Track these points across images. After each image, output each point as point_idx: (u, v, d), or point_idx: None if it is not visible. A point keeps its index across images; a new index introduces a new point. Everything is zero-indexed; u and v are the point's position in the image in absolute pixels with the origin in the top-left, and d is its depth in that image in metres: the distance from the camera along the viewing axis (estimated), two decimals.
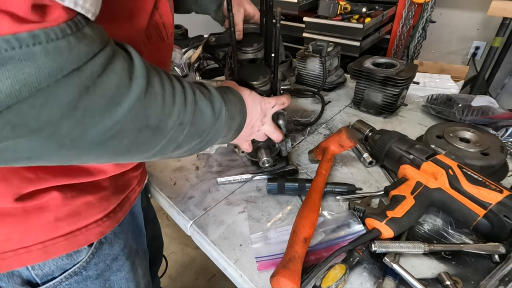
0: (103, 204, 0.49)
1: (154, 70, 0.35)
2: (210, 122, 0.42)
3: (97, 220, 0.49)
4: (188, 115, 0.38)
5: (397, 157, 0.66)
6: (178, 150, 0.41)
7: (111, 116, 0.29)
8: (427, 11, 1.97)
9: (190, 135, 0.40)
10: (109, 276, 0.54)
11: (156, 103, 0.33)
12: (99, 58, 0.28)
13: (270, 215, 0.63)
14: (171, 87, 0.36)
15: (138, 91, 0.31)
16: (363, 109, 0.97)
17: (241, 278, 0.53)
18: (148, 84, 0.32)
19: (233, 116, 0.47)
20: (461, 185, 0.54)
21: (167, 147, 0.38)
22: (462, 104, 0.81)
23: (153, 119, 0.34)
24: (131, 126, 0.32)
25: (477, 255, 0.52)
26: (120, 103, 0.30)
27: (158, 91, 0.34)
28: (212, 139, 0.45)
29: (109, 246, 0.53)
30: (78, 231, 0.47)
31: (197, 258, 1.67)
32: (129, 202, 0.56)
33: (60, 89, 0.25)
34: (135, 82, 0.31)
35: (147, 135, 0.34)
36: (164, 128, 0.36)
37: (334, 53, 1.06)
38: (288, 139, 0.70)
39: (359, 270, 0.52)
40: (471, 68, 2.18)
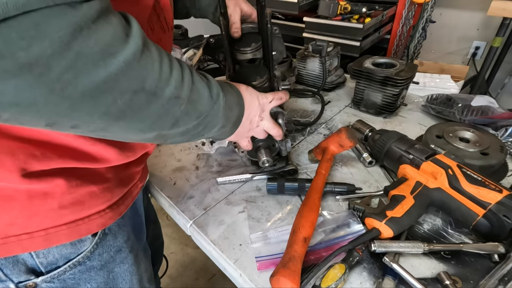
0: (106, 195, 0.50)
1: (151, 41, 0.34)
2: (208, 104, 0.42)
3: (100, 211, 0.49)
4: (185, 90, 0.37)
5: (397, 157, 0.66)
6: (176, 128, 0.40)
7: (105, 66, 0.28)
8: (427, 11, 1.97)
9: (187, 112, 0.39)
10: (113, 267, 0.55)
11: (152, 67, 0.33)
12: (95, 3, 0.27)
13: (270, 215, 0.64)
14: (168, 59, 0.36)
15: (135, 48, 0.30)
16: (363, 109, 0.97)
17: (241, 278, 0.53)
18: (144, 46, 0.32)
19: (231, 105, 0.47)
20: (461, 185, 0.54)
21: (165, 120, 0.38)
22: (462, 104, 0.81)
23: (149, 83, 0.33)
24: (126, 84, 0.31)
25: (477, 255, 0.52)
26: (115, 55, 0.29)
27: (155, 56, 0.33)
28: (210, 124, 0.44)
29: (113, 238, 0.53)
30: (81, 220, 0.47)
31: (197, 258, 1.67)
32: (131, 197, 0.56)
33: (51, 20, 0.24)
34: (131, 39, 0.30)
35: (143, 99, 0.33)
36: (161, 95, 0.35)
37: (334, 53, 1.06)
38: (288, 139, 0.70)
39: (358, 269, 0.52)
40: (471, 68, 2.18)
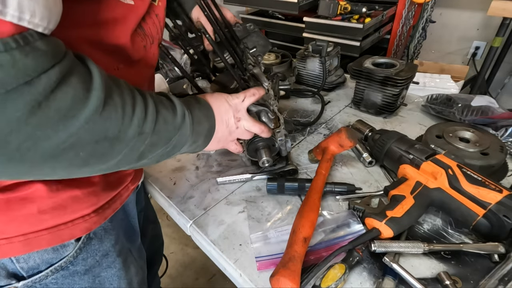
0: (91, 199, 0.49)
1: (113, 82, 0.35)
2: (174, 129, 0.43)
3: (84, 215, 0.48)
4: (149, 124, 0.38)
5: (397, 157, 0.66)
6: (142, 160, 0.41)
7: (65, 129, 0.29)
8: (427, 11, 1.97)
9: (153, 144, 0.40)
10: (99, 272, 0.54)
11: (115, 114, 0.33)
12: (54, 72, 0.27)
13: (270, 215, 0.64)
14: (131, 98, 0.36)
15: (96, 102, 0.31)
16: (362, 109, 0.97)
17: (241, 278, 0.53)
18: (106, 96, 0.32)
19: (199, 120, 0.47)
20: (461, 185, 0.54)
21: (129, 156, 0.38)
22: (462, 104, 0.81)
23: (112, 130, 0.34)
24: (88, 138, 0.32)
25: (477, 255, 0.52)
26: (76, 116, 0.29)
27: (117, 102, 0.34)
28: (178, 145, 0.45)
29: (99, 242, 0.53)
30: (63, 225, 0.46)
31: (197, 258, 1.67)
32: (121, 200, 0.56)
33: (7, 104, 0.25)
34: (92, 93, 0.31)
35: (106, 146, 0.34)
36: (124, 138, 0.35)
37: (334, 53, 1.06)
38: (287, 139, 0.70)
39: (358, 269, 0.52)
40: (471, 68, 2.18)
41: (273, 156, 0.68)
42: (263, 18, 2.33)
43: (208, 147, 0.54)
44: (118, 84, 0.36)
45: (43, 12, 0.26)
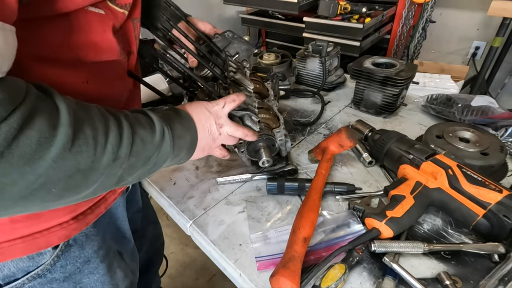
0: (69, 206, 0.47)
1: (83, 111, 0.34)
2: (154, 147, 0.42)
3: (62, 222, 0.47)
4: (124, 149, 0.37)
5: (397, 157, 0.66)
6: (122, 182, 0.40)
7: (33, 171, 0.28)
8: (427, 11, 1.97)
9: (131, 166, 0.39)
10: (81, 279, 0.54)
11: (86, 146, 0.33)
12: (14, 119, 0.26)
13: (269, 215, 0.64)
14: (103, 125, 0.35)
15: (64, 139, 0.30)
16: (362, 109, 0.97)
17: (241, 278, 0.53)
18: (75, 130, 0.31)
19: (180, 134, 0.47)
20: (461, 185, 0.54)
21: (106, 182, 0.38)
22: (462, 104, 0.81)
23: (84, 162, 0.33)
24: (59, 175, 0.31)
25: (477, 255, 0.52)
26: (42, 157, 0.29)
27: (88, 132, 0.33)
28: (159, 162, 0.44)
29: (79, 249, 0.52)
30: (38, 233, 0.45)
31: (197, 258, 1.67)
32: (105, 204, 0.55)
33: None
34: (59, 131, 0.30)
35: (79, 179, 0.33)
36: (99, 167, 0.35)
37: (334, 53, 1.06)
38: (287, 139, 0.69)
39: (358, 269, 0.52)
40: (471, 68, 2.18)
41: (273, 156, 0.68)
42: (263, 18, 2.33)
43: (193, 157, 0.53)
44: (89, 112, 0.35)
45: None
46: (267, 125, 0.69)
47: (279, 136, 0.68)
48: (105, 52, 0.44)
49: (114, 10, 0.43)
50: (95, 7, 0.40)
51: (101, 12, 0.41)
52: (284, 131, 0.69)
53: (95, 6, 0.40)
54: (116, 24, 0.44)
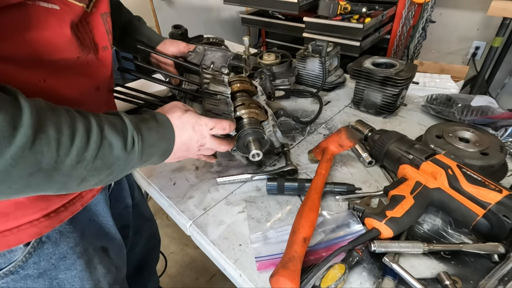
0: (39, 204, 0.48)
1: (50, 113, 0.35)
2: (121, 154, 0.42)
3: (33, 220, 0.47)
4: (91, 152, 0.38)
5: (397, 157, 0.66)
6: (85, 183, 0.41)
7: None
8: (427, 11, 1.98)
9: (96, 169, 0.40)
10: (57, 275, 0.54)
11: (48, 147, 0.33)
12: None
13: (269, 215, 0.64)
14: (70, 127, 0.36)
15: (23, 140, 0.31)
16: (362, 109, 0.97)
17: (241, 278, 0.53)
18: (36, 131, 0.32)
19: (153, 143, 0.47)
20: (461, 185, 0.54)
21: (69, 183, 0.38)
22: (462, 104, 0.81)
23: (46, 163, 0.34)
24: (19, 173, 0.32)
25: (477, 255, 0.52)
26: (1, 154, 0.30)
27: (51, 134, 0.34)
28: (127, 168, 0.45)
29: (54, 245, 0.52)
30: (8, 231, 0.45)
31: (197, 258, 1.67)
32: (82, 202, 0.55)
33: None
34: (19, 131, 0.31)
35: (40, 178, 0.34)
36: (61, 168, 0.35)
37: (334, 53, 1.06)
38: (276, 129, 0.70)
39: (358, 270, 0.52)
40: (471, 68, 2.18)
41: (267, 149, 0.68)
42: (263, 18, 2.33)
43: (167, 161, 0.54)
44: (56, 113, 0.35)
45: None
46: (255, 119, 0.69)
47: (267, 128, 0.69)
48: (63, 49, 0.43)
49: (71, 4, 0.42)
50: (47, 2, 0.39)
51: (55, 7, 0.40)
52: (272, 122, 0.70)
53: (46, 1, 0.39)
54: (75, 19, 0.43)
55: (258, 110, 0.72)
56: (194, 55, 0.83)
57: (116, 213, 0.74)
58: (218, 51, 0.84)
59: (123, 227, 0.80)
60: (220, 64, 0.84)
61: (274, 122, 0.71)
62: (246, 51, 1.28)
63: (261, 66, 1.06)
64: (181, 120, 0.52)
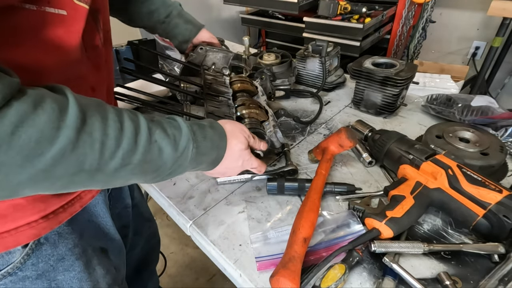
0: (38, 205, 0.47)
1: (98, 114, 0.35)
2: (170, 159, 0.42)
3: (31, 222, 0.47)
4: (138, 156, 0.38)
5: (397, 157, 0.66)
6: (129, 182, 0.41)
7: (33, 166, 0.30)
8: (427, 11, 1.98)
9: (143, 171, 0.40)
10: (55, 276, 0.54)
11: (91, 149, 0.33)
12: (13, 112, 0.28)
13: (269, 215, 0.64)
14: (118, 130, 0.36)
15: (65, 141, 0.31)
16: (362, 109, 0.97)
17: (241, 278, 0.53)
18: (80, 133, 0.32)
19: (205, 152, 0.48)
20: (461, 185, 0.54)
21: (113, 182, 0.39)
22: (462, 104, 0.81)
23: (89, 163, 0.34)
24: (62, 172, 0.32)
25: (477, 255, 0.52)
26: (42, 154, 0.30)
27: (96, 136, 0.34)
28: (176, 171, 0.45)
29: (52, 247, 0.52)
30: (6, 233, 0.45)
31: (197, 258, 1.67)
32: (81, 203, 0.54)
33: None
34: (62, 132, 0.31)
35: (83, 177, 0.35)
36: (105, 169, 0.35)
37: (334, 53, 1.06)
38: (276, 129, 0.70)
39: (358, 270, 0.52)
40: (471, 68, 2.18)
41: (269, 150, 0.69)
42: (263, 18, 2.33)
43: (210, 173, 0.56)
44: (104, 115, 0.35)
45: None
46: (256, 119, 0.70)
47: (267, 128, 0.69)
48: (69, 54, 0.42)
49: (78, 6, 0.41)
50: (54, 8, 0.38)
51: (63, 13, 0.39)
52: (273, 122, 0.70)
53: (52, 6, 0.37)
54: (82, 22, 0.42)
55: (258, 110, 0.72)
56: (195, 56, 0.83)
57: (116, 213, 0.74)
58: (220, 52, 0.84)
59: (122, 227, 0.80)
60: (222, 65, 0.84)
61: (274, 122, 0.71)
62: (246, 51, 1.28)
63: (261, 66, 1.06)
64: (237, 147, 0.55)
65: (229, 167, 0.56)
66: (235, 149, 0.54)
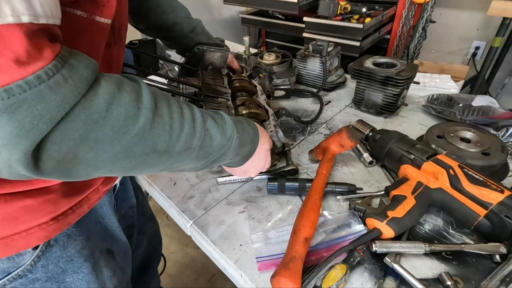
0: (48, 207, 0.47)
1: (164, 100, 0.39)
2: (219, 146, 0.47)
3: (41, 223, 0.47)
4: (196, 141, 0.42)
5: (398, 157, 0.66)
6: (183, 166, 0.46)
7: (120, 143, 0.33)
8: (427, 11, 1.98)
9: (197, 157, 0.44)
10: (64, 278, 0.53)
11: (163, 130, 0.37)
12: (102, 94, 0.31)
13: (270, 215, 0.63)
14: (180, 115, 0.40)
15: (145, 121, 0.35)
16: (363, 109, 0.97)
17: (242, 278, 0.53)
18: (154, 114, 0.36)
19: (244, 143, 0.52)
20: (462, 185, 0.54)
21: (174, 165, 0.43)
22: (463, 104, 0.81)
23: (160, 145, 0.38)
24: (140, 150, 0.36)
25: (478, 255, 0.52)
26: (128, 131, 0.33)
27: (166, 119, 0.37)
28: (218, 160, 0.49)
29: (61, 248, 0.52)
30: (17, 235, 0.45)
31: (197, 258, 1.67)
32: (88, 204, 0.54)
33: (72, 124, 0.29)
34: (142, 113, 0.35)
35: (154, 158, 0.38)
36: (172, 151, 0.40)
37: (334, 53, 1.06)
38: (277, 129, 0.70)
39: (359, 270, 0.52)
40: (471, 68, 2.18)
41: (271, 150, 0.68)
42: (263, 18, 2.33)
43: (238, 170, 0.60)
44: (167, 101, 0.39)
45: None
46: (256, 119, 0.70)
47: (268, 128, 0.69)
48: None
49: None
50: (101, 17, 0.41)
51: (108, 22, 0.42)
52: (273, 122, 0.69)
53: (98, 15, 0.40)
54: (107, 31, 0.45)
55: (258, 110, 0.72)
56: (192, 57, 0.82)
57: (122, 214, 0.74)
58: (217, 52, 0.84)
59: (128, 227, 0.80)
60: (219, 65, 0.83)
61: (275, 121, 0.71)
62: (246, 51, 1.27)
63: (262, 66, 1.06)
64: (264, 147, 0.59)
65: (254, 165, 0.59)
66: (263, 148, 0.58)
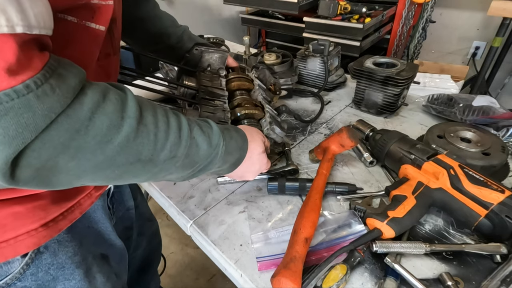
0: (38, 213, 0.46)
1: (149, 109, 0.38)
2: (205, 155, 0.46)
3: (30, 230, 0.46)
4: (182, 149, 0.41)
5: (398, 157, 0.66)
6: (169, 176, 0.45)
7: (102, 152, 0.33)
8: (427, 11, 1.98)
9: (183, 166, 0.44)
10: (55, 285, 0.53)
11: (148, 139, 0.37)
12: (86, 104, 0.31)
13: (270, 215, 0.63)
14: (166, 124, 0.40)
15: (129, 130, 0.34)
16: (363, 109, 0.97)
17: (242, 278, 0.53)
18: (139, 123, 0.36)
19: (231, 151, 0.51)
20: (463, 185, 0.54)
21: (159, 174, 0.42)
22: (463, 104, 0.81)
23: (145, 154, 0.37)
24: (123, 160, 0.35)
25: (479, 256, 0.52)
26: (111, 140, 0.33)
27: (151, 128, 0.37)
28: (205, 169, 0.49)
29: (52, 255, 0.51)
30: (5, 242, 0.44)
31: (197, 258, 1.67)
32: (80, 209, 0.54)
33: (53, 132, 0.29)
34: (126, 122, 0.34)
35: (139, 167, 0.38)
36: (157, 160, 0.39)
37: (335, 53, 1.06)
38: (274, 126, 0.69)
39: (360, 270, 0.52)
40: (471, 68, 2.18)
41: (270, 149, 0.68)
42: (263, 18, 2.33)
43: (230, 175, 0.59)
44: (153, 110, 0.39)
45: None
46: (253, 118, 0.70)
47: (265, 126, 0.69)
48: None
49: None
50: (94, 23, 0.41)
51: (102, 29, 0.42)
52: (269, 119, 0.69)
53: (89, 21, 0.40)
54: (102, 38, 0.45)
55: (255, 110, 0.71)
56: (190, 58, 0.82)
57: (119, 216, 0.74)
58: (216, 52, 0.83)
59: (126, 229, 0.79)
60: (218, 65, 0.82)
61: (270, 119, 0.70)
62: (246, 51, 1.27)
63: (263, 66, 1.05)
64: (256, 151, 0.59)
65: (247, 170, 0.59)
66: (254, 152, 0.58)
